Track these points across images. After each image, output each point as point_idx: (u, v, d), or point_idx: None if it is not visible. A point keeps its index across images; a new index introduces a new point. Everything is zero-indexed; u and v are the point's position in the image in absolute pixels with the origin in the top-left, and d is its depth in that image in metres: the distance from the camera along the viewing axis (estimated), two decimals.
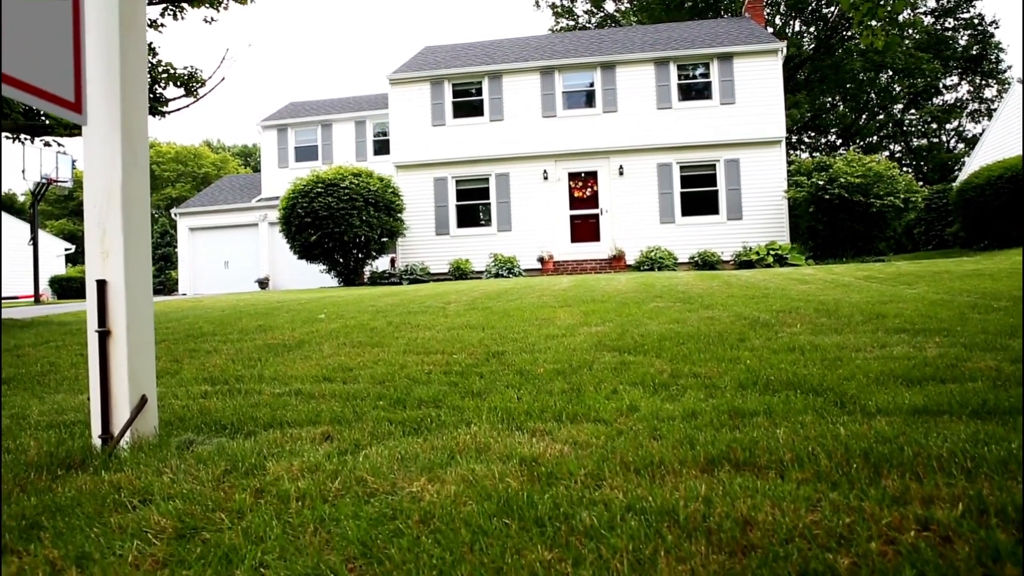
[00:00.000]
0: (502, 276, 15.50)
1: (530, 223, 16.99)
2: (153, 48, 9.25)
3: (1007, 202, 13.43)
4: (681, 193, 16.57)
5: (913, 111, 36.11)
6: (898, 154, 37.66)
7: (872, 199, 13.82)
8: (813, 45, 32.79)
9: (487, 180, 17.35)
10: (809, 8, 32.29)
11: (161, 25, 9.21)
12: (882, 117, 36.48)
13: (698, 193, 16.55)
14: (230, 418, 2.55)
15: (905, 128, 37.09)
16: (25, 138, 9.94)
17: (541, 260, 16.45)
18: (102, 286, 2.22)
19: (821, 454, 1.75)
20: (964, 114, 35.96)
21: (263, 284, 21.01)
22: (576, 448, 1.97)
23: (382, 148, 20.94)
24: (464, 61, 18.24)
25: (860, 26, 6.61)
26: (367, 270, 17.68)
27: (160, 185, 46.44)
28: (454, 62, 18.22)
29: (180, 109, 9.49)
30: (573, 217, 16.97)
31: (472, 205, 17.59)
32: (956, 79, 35.09)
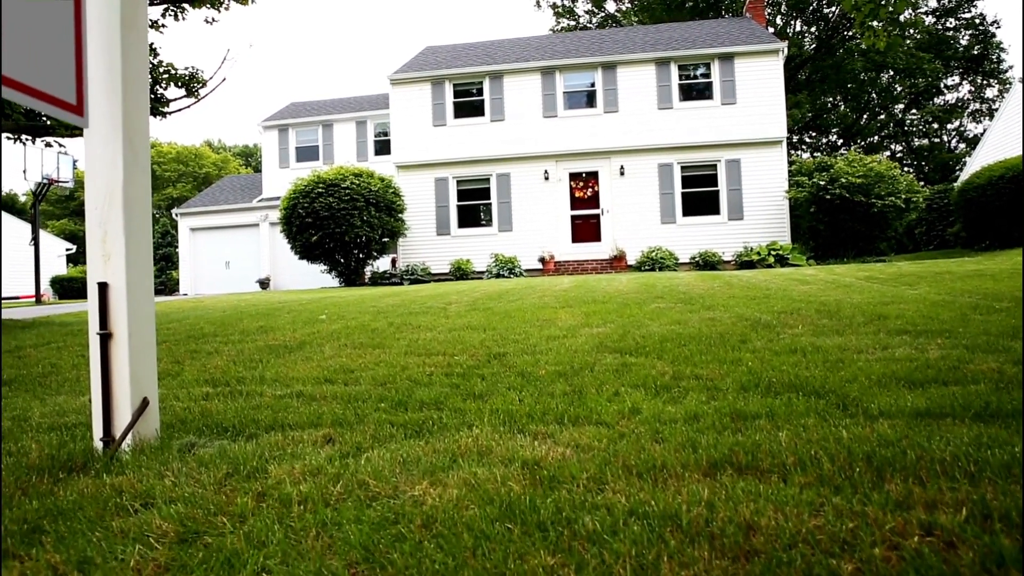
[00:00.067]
0: (503, 276, 15.50)
1: (531, 223, 16.98)
2: (154, 49, 9.26)
3: (1008, 202, 13.42)
4: (682, 193, 16.57)
5: (914, 111, 36.10)
6: (899, 154, 37.64)
7: (873, 199, 13.80)
8: (814, 45, 32.77)
9: (488, 180, 17.35)
10: (810, 8, 32.27)
11: (162, 26, 9.22)
12: (883, 117, 36.47)
13: (699, 193, 16.55)
14: (231, 420, 2.54)
15: (906, 128, 37.07)
16: (26, 139, 9.95)
17: (542, 260, 16.44)
18: (103, 288, 2.21)
19: (824, 458, 1.74)
20: (965, 114, 35.96)
21: (264, 284, 21.02)
22: (578, 451, 1.96)
23: (383, 148, 20.94)
24: (465, 61, 18.24)
25: (862, 27, 6.60)
26: (368, 270, 17.69)
27: (161, 185, 46.48)
28: (455, 62, 18.22)
29: (181, 110, 9.51)
30: (574, 217, 16.97)
31: (473, 205, 17.58)
32: (957, 79, 35.10)
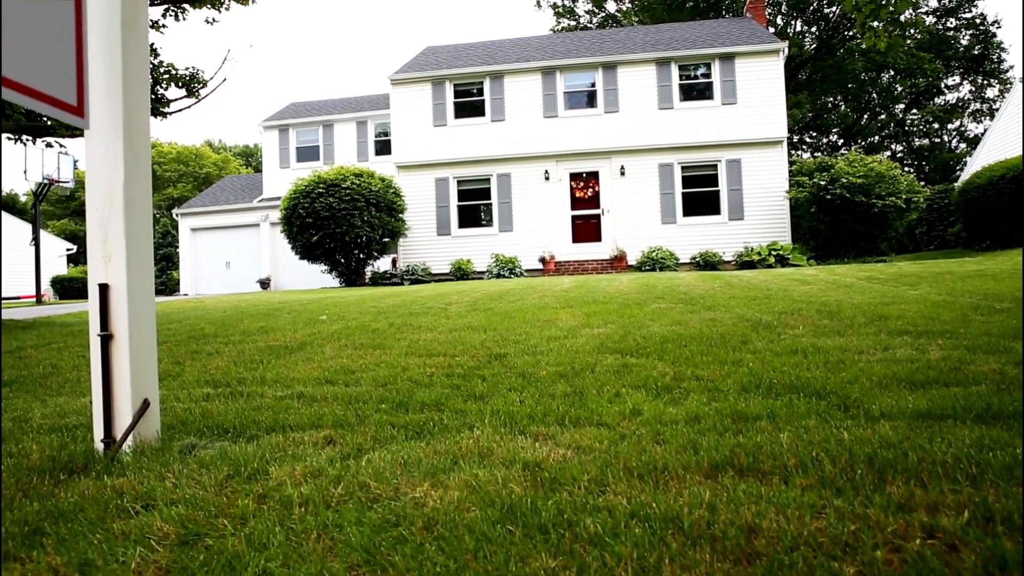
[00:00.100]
0: (504, 276, 15.50)
1: (532, 223, 16.98)
2: (155, 49, 9.26)
3: (1009, 202, 13.41)
4: (683, 193, 16.56)
5: (915, 111, 36.08)
6: (900, 154, 37.64)
7: (874, 199, 13.80)
8: (814, 45, 32.76)
9: (488, 180, 17.35)
10: (810, 8, 32.26)
11: (163, 26, 9.22)
12: (884, 117, 36.46)
13: (700, 193, 16.54)
14: (232, 421, 2.54)
15: (907, 128, 37.06)
16: (27, 139, 9.95)
17: (543, 260, 16.44)
18: (104, 290, 2.21)
19: (825, 459, 1.74)
20: (966, 114, 35.95)
21: (264, 284, 21.02)
22: (579, 453, 1.96)
23: (383, 148, 20.94)
24: (465, 61, 18.24)
25: (863, 27, 6.60)
26: (369, 270, 17.69)
27: (162, 185, 46.50)
28: (455, 62, 18.22)
29: (182, 110, 9.51)
30: (575, 217, 16.97)
31: (474, 205, 17.58)
32: (958, 79, 35.09)
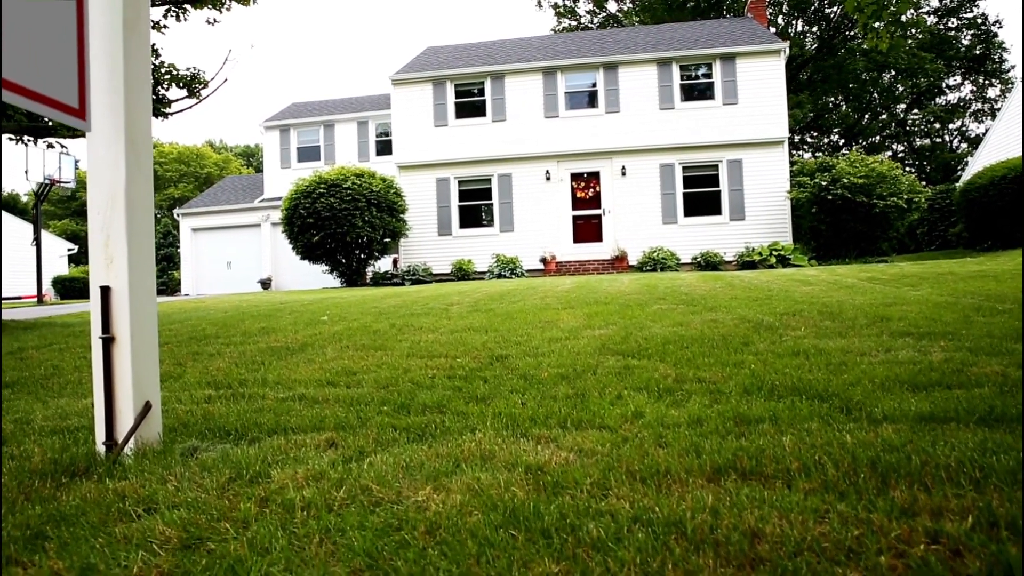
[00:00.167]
0: (505, 277, 15.49)
1: (533, 224, 16.98)
2: (156, 49, 9.27)
3: (1010, 202, 13.39)
4: (684, 193, 16.55)
5: (916, 111, 36.04)
6: (901, 154, 37.60)
7: (875, 199, 13.79)
8: (816, 45, 32.74)
9: (489, 180, 17.35)
10: (812, 8, 32.24)
11: (164, 27, 9.23)
12: (885, 117, 36.42)
13: (701, 193, 16.53)
14: (234, 424, 2.54)
15: (908, 128, 37.03)
16: (28, 139, 9.96)
17: (544, 261, 16.44)
18: (106, 292, 2.21)
19: (828, 463, 1.73)
20: (967, 114, 35.90)
21: (265, 285, 21.03)
22: (581, 456, 1.96)
23: (384, 148, 20.94)
24: (466, 61, 18.23)
25: (864, 28, 6.59)
26: (370, 271, 17.69)
27: (163, 185, 46.52)
28: (456, 62, 18.21)
29: (183, 110, 9.52)
30: (576, 217, 16.96)
31: (474, 205, 17.58)
32: (959, 79, 35.05)
